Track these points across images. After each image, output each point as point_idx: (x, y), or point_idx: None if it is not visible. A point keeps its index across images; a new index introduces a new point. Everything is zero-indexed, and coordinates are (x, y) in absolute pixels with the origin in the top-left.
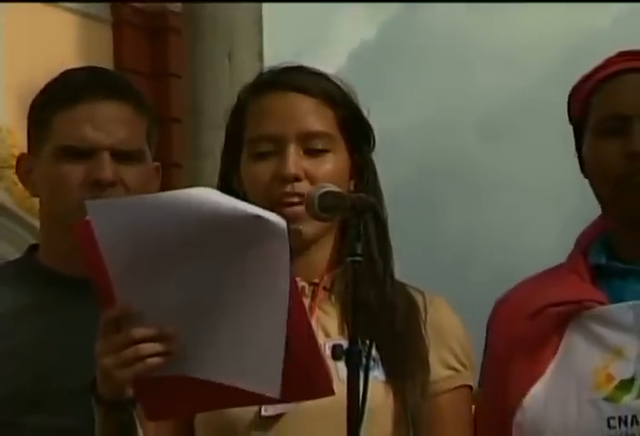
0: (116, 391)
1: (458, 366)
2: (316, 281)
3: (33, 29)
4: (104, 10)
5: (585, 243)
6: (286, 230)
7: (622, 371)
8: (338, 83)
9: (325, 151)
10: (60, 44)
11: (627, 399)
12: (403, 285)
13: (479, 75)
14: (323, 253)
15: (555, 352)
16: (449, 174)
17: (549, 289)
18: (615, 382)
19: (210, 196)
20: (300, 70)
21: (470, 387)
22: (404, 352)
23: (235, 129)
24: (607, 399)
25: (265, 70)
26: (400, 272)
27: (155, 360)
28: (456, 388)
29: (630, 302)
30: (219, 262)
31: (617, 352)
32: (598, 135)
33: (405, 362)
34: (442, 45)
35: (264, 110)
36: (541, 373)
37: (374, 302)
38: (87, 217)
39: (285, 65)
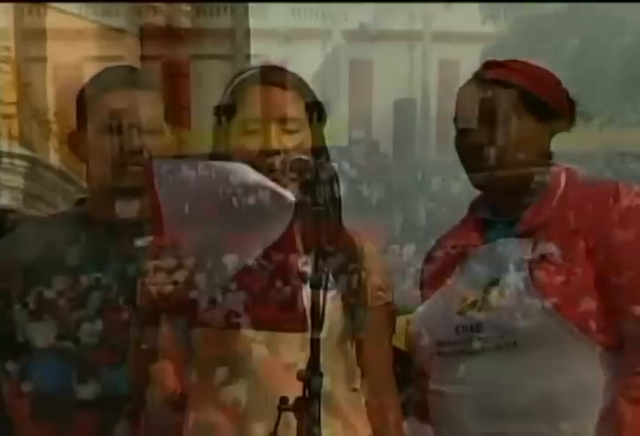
0: (151, 303)
1: (385, 288)
2: None
3: (89, 43)
4: (135, 27)
5: (477, 203)
6: (293, 202)
7: (474, 294)
8: (303, 79)
9: (296, 131)
10: (100, 50)
11: (470, 313)
12: (344, 228)
13: None
14: None
15: (445, 283)
16: None
17: (449, 237)
18: (468, 302)
19: (243, 170)
20: (276, 68)
21: (390, 304)
22: (351, 277)
23: (226, 110)
24: (458, 313)
25: (248, 68)
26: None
27: (177, 286)
28: (384, 304)
29: (490, 244)
30: (237, 217)
31: (476, 281)
32: None
33: (352, 284)
34: None
35: (252, 98)
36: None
37: (330, 239)
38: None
39: (264, 65)
